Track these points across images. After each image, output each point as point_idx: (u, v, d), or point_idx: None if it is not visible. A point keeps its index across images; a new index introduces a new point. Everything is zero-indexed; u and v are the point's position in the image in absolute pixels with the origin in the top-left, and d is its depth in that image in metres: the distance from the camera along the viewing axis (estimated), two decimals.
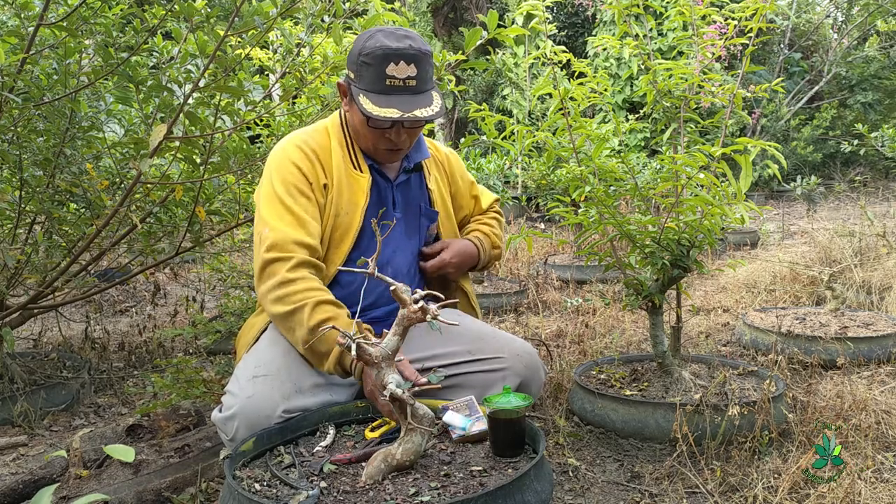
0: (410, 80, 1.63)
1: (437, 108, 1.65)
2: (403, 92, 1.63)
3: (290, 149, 1.76)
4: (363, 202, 1.77)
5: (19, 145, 2.25)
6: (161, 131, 1.82)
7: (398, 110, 1.60)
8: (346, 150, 1.80)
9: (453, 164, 2.02)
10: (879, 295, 3.55)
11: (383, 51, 1.61)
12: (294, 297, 1.57)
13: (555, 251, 5.53)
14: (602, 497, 1.71)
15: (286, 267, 1.61)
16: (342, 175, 1.77)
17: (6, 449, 2.10)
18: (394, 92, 1.62)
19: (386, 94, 1.62)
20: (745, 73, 2.05)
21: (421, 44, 1.65)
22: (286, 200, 1.68)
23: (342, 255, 1.76)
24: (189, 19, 1.89)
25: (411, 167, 1.87)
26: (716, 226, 1.95)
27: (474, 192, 2.08)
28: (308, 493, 1.24)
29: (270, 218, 1.67)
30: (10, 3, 1.96)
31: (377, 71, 1.62)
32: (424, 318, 1.30)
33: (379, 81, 1.62)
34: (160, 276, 4.91)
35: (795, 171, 10.29)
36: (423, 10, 11.80)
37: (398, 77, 1.62)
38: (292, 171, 1.72)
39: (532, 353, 1.80)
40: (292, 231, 1.65)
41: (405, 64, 1.62)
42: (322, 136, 1.81)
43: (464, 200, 2.05)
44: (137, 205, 2.49)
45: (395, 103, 1.61)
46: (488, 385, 1.73)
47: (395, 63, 1.61)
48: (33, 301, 2.50)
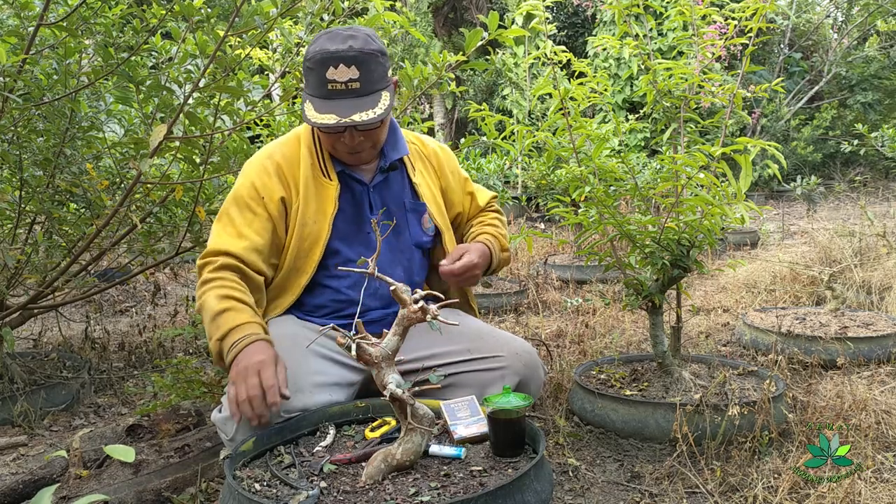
0: (353, 82, 1.58)
1: (381, 111, 1.59)
2: (346, 95, 1.58)
3: (253, 162, 1.78)
4: (331, 210, 1.75)
5: (19, 145, 2.25)
6: (161, 131, 1.82)
7: (336, 115, 1.57)
8: (315, 156, 1.77)
9: (442, 159, 1.97)
10: (879, 295, 3.55)
11: (321, 55, 1.58)
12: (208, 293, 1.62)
13: (555, 251, 5.53)
14: (602, 497, 1.71)
15: (208, 269, 1.66)
16: (309, 185, 1.75)
17: (6, 449, 2.10)
18: (335, 96, 1.59)
19: (328, 98, 1.59)
20: (745, 73, 2.05)
21: (365, 43, 1.60)
22: (231, 213, 1.72)
23: (313, 264, 1.77)
24: (189, 19, 1.89)
25: (387, 166, 1.82)
26: (716, 226, 1.95)
27: (469, 189, 2.02)
28: (308, 493, 1.24)
29: (215, 229, 1.73)
30: (10, 3, 1.96)
31: (318, 76, 1.59)
32: (424, 318, 1.30)
33: (321, 86, 1.59)
34: (160, 276, 4.91)
35: (795, 171, 10.29)
36: (423, 10, 11.80)
37: (339, 81, 1.58)
38: (246, 185, 1.74)
39: (531, 351, 1.80)
40: (228, 241, 1.69)
41: (345, 67, 1.57)
42: (292, 145, 1.79)
43: (456, 197, 1.99)
44: (137, 205, 2.49)
45: (334, 108, 1.58)
46: (487, 384, 1.73)
47: (334, 66, 1.57)
48: (33, 301, 2.50)
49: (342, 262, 1.80)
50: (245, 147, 2.39)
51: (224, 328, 1.55)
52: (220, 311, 1.57)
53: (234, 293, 1.61)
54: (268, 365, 1.46)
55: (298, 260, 1.77)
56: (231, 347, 1.52)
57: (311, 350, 1.65)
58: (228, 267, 1.66)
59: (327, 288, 1.82)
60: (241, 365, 1.47)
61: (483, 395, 1.73)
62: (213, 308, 1.58)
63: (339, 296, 1.81)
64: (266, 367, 1.46)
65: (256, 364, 1.46)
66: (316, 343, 1.63)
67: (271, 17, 1.90)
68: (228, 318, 1.57)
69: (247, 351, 1.50)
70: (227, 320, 1.56)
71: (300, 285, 1.78)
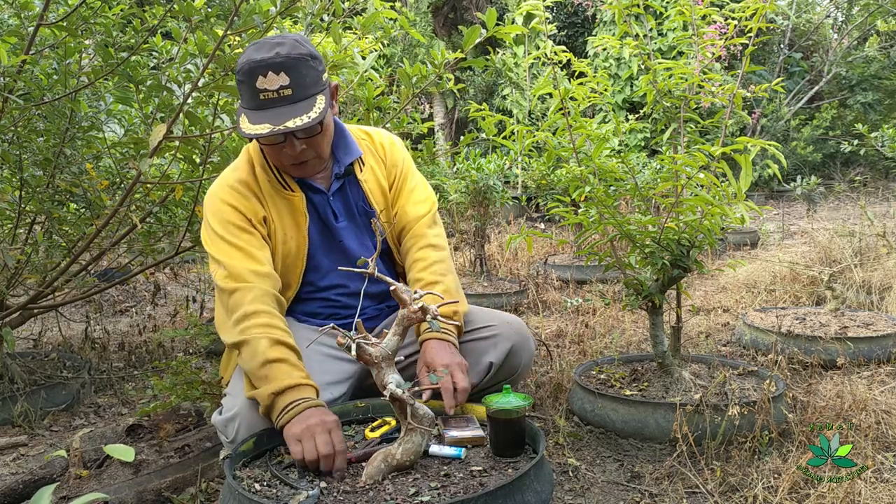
0: (284, 89, 1.52)
1: (315, 114, 1.54)
2: (279, 103, 1.53)
3: (220, 191, 1.71)
4: (304, 222, 1.73)
5: (19, 145, 2.25)
6: (161, 131, 1.82)
7: (270, 124, 1.51)
8: (271, 172, 1.73)
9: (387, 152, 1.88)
10: (879, 295, 3.55)
11: (249, 65, 1.53)
12: (255, 329, 1.55)
13: (555, 251, 5.53)
14: (602, 497, 1.71)
15: (248, 298, 1.58)
16: (276, 200, 1.72)
17: (6, 449, 2.10)
18: (269, 105, 1.53)
19: (261, 108, 1.54)
20: (745, 73, 2.05)
21: (293, 48, 1.54)
22: (228, 238, 1.66)
23: (297, 278, 1.76)
24: (188, 19, 1.89)
25: (342, 172, 1.77)
26: (716, 226, 1.95)
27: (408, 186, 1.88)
28: (308, 493, 1.24)
29: (220, 256, 1.66)
30: (10, 3, 1.96)
31: (249, 87, 1.54)
32: (424, 318, 1.30)
33: (253, 97, 1.54)
34: (160, 276, 4.91)
35: (795, 171, 10.29)
36: (423, 10, 11.79)
37: (270, 89, 1.52)
38: (227, 210, 1.68)
39: (520, 322, 1.85)
40: (245, 262, 1.63)
41: (274, 74, 1.52)
42: (245, 169, 1.73)
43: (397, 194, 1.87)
44: (137, 205, 2.49)
45: (268, 117, 1.52)
46: (482, 352, 1.75)
47: (262, 75, 1.52)
48: (33, 301, 2.50)
49: (322, 276, 1.80)
50: (245, 145, 2.39)
51: (280, 383, 1.48)
52: (273, 359, 1.50)
53: (285, 338, 1.55)
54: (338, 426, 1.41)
55: (284, 276, 1.75)
56: (288, 407, 1.45)
57: (311, 350, 1.65)
58: (267, 295, 1.61)
59: (316, 300, 1.83)
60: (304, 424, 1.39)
61: (478, 363, 1.74)
62: (264, 354, 1.51)
63: (329, 304, 1.82)
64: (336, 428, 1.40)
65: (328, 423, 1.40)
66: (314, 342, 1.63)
67: (270, 15, 1.90)
68: (283, 372, 1.49)
69: (307, 413, 1.43)
70: (282, 374, 1.49)
71: (287, 298, 1.78)
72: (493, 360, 1.75)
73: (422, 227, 1.82)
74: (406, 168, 1.89)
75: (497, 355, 1.76)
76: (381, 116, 2.55)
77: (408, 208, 1.84)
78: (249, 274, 1.62)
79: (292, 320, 1.82)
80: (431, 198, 1.89)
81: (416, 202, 1.85)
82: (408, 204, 1.85)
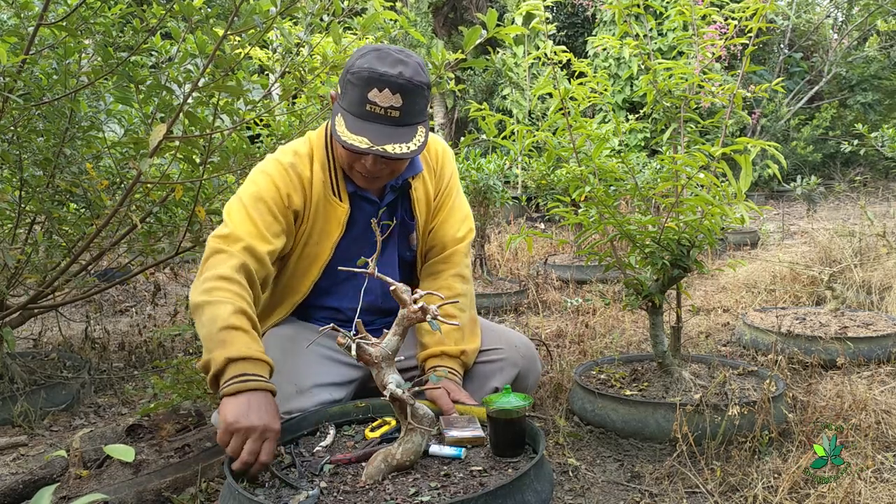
0: (393, 110, 1.50)
1: (417, 146, 1.51)
2: (383, 121, 1.50)
3: (272, 167, 1.67)
4: (336, 234, 1.68)
5: (19, 145, 2.25)
6: (161, 131, 1.82)
7: (368, 141, 1.48)
8: (329, 174, 1.68)
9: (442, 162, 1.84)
10: (879, 295, 3.55)
11: (369, 73, 1.49)
12: (222, 292, 1.49)
13: (555, 251, 5.53)
14: (602, 497, 1.71)
15: (230, 263, 1.53)
16: (319, 203, 1.67)
17: (6, 449, 2.10)
18: (372, 119, 1.50)
19: (363, 119, 1.50)
20: (745, 73, 2.05)
21: (415, 73, 1.51)
22: (251, 211, 1.61)
23: (308, 285, 1.71)
24: (188, 19, 1.89)
25: (398, 185, 1.74)
26: (716, 226, 1.95)
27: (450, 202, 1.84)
28: (308, 493, 1.24)
29: (232, 216, 1.61)
30: (10, 3, 1.96)
31: (360, 93, 1.50)
32: (424, 318, 1.30)
33: (359, 105, 1.50)
34: (160, 276, 4.91)
35: (795, 171, 10.29)
36: (423, 10, 11.79)
37: (380, 105, 1.49)
38: (270, 188, 1.63)
39: (529, 345, 1.81)
40: (250, 236, 1.58)
41: (390, 92, 1.49)
42: (304, 160, 1.69)
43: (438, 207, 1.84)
44: (137, 205, 2.49)
45: (369, 131, 1.49)
46: (487, 376, 1.74)
47: (378, 89, 1.48)
48: (33, 301, 2.50)
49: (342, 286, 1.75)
50: (245, 147, 2.39)
51: (237, 350, 1.42)
52: (231, 325, 1.45)
53: (248, 309, 1.50)
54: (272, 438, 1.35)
55: (294, 279, 1.72)
56: (238, 378, 1.39)
57: (310, 350, 1.65)
58: (244, 269, 1.55)
59: (324, 308, 1.81)
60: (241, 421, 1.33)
61: (483, 387, 1.73)
62: (225, 318, 1.45)
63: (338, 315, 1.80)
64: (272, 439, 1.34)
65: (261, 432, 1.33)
66: (314, 342, 1.63)
67: (270, 15, 1.90)
68: (238, 341, 1.43)
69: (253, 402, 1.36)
70: (237, 342, 1.43)
71: (293, 303, 1.74)
72: (499, 386, 1.74)
73: (458, 255, 1.79)
74: (453, 182, 1.85)
75: (503, 380, 1.74)
76: None
77: (447, 227, 1.80)
78: (244, 247, 1.56)
79: (294, 320, 1.82)
80: (470, 220, 1.86)
81: (457, 222, 1.81)
82: (447, 222, 1.81)
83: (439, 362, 1.67)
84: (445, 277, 1.76)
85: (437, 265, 1.79)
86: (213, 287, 1.50)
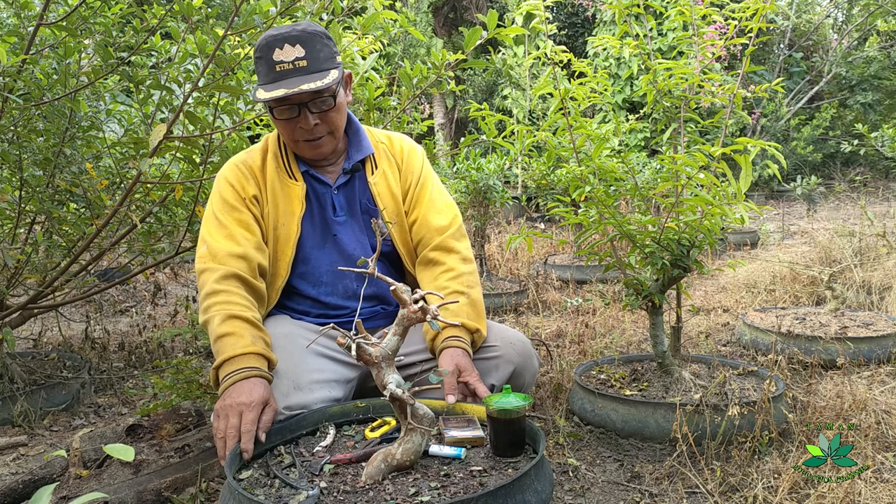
0: (300, 60, 1.62)
1: (330, 80, 1.62)
2: (294, 74, 1.62)
3: (226, 169, 1.80)
4: (298, 211, 1.77)
5: (19, 145, 2.25)
6: (161, 131, 1.82)
7: (284, 89, 1.59)
8: (280, 160, 1.80)
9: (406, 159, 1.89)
10: (879, 295, 3.55)
11: (266, 40, 1.63)
12: (213, 308, 1.61)
13: (555, 251, 5.53)
14: (602, 497, 1.71)
15: (213, 277, 1.64)
16: (276, 186, 1.78)
17: (6, 449, 2.10)
18: (284, 76, 1.61)
19: (277, 80, 1.62)
20: (745, 73, 2.05)
21: (308, 25, 1.65)
22: (219, 216, 1.73)
23: (286, 266, 1.78)
24: (188, 19, 1.89)
25: (350, 167, 1.82)
26: (716, 226, 1.95)
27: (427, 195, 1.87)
28: (308, 493, 1.24)
29: (207, 234, 1.73)
30: (10, 3, 1.96)
31: (266, 61, 1.62)
32: (424, 318, 1.30)
33: (270, 71, 1.62)
34: (160, 276, 4.92)
35: (795, 171, 10.30)
36: (423, 10, 11.80)
37: (286, 60, 1.61)
38: (225, 187, 1.76)
39: (525, 341, 1.81)
40: (225, 243, 1.70)
41: (290, 46, 1.62)
42: (256, 154, 1.82)
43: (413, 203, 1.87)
44: (137, 204, 2.49)
45: (284, 85, 1.61)
46: (483, 373, 1.74)
47: (279, 48, 1.61)
48: (33, 301, 2.50)
49: (314, 267, 1.81)
50: (245, 146, 2.39)
51: (221, 356, 1.54)
52: (221, 334, 1.56)
53: (237, 310, 1.60)
54: (251, 408, 1.43)
55: (273, 264, 1.79)
56: (224, 379, 1.51)
57: (308, 348, 1.65)
58: (232, 276, 1.65)
59: (306, 298, 1.84)
60: (226, 401, 1.44)
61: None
62: (215, 331, 1.57)
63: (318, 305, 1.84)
64: (249, 409, 1.43)
65: (240, 405, 1.43)
66: (314, 342, 1.64)
67: (270, 16, 1.90)
68: (227, 345, 1.54)
69: (238, 387, 1.47)
70: (226, 347, 1.54)
71: (277, 289, 1.80)
72: (495, 383, 1.74)
73: (449, 240, 1.82)
74: (425, 177, 1.89)
75: (499, 377, 1.75)
76: (381, 117, 2.55)
77: (429, 217, 1.84)
78: (225, 255, 1.67)
79: (286, 317, 1.83)
80: (454, 209, 1.88)
81: (438, 211, 1.85)
82: (429, 213, 1.84)
83: (455, 332, 1.69)
84: (445, 259, 1.81)
85: (432, 253, 1.83)
86: (206, 305, 1.63)
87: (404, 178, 1.88)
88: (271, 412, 1.47)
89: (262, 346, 1.58)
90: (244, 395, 1.46)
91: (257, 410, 1.43)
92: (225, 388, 1.49)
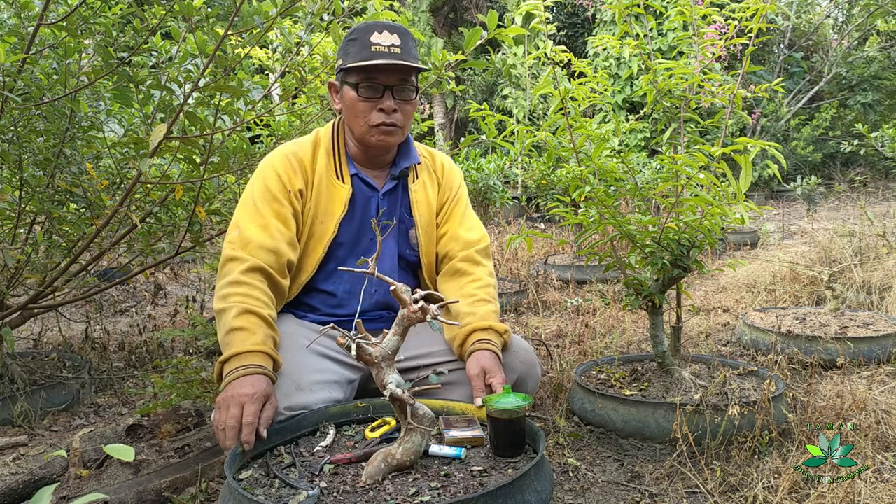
0: (395, 47, 1.67)
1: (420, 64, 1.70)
2: (388, 57, 1.66)
3: (275, 157, 1.79)
4: (339, 212, 1.77)
5: (19, 145, 2.25)
6: (161, 131, 1.82)
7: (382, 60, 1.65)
8: (332, 157, 1.80)
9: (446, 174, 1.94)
10: (879, 295, 3.55)
11: (366, 24, 1.69)
12: (231, 298, 1.60)
13: (555, 251, 5.53)
14: (602, 497, 1.71)
15: (240, 268, 1.63)
16: (322, 183, 1.77)
17: (6, 449, 2.10)
18: (379, 57, 1.66)
19: (371, 59, 1.65)
20: (745, 73, 2.05)
21: (403, 27, 1.73)
22: (259, 203, 1.72)
23: (314, 263, 1.78)
24: (188, 19, 1.89)
25: (397, 174, 1.84)
26: (716, 226, 1.95)
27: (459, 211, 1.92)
28: (308, 493, 1.24)
29: (241, 219, 1.72)
30: (10, 3, 1.96)
31: (362, 41, 1.67)
32: (424, 318, 1.30)
33: (364, 49, 1.66)
34: (160, 276, 4.91)
35: (795, 171, 10.30)
36: (422, 10, 11.79)
37: (383, 44, 1.66)
38: (272, 177, 1.75)
39: (528, 349, 1.81)
40: (258, 233, 1.68)
41: (388, 33, 1.67)
42: (309, 145, 1.81)
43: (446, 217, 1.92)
44: (137, 205, 2.49)
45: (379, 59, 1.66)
46: None
47: (378, 31, 1.67)
48: (33, 301, 2.50)
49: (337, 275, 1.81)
50: (245, 147, 2.39)
51: (230, 350, 1.53)
52: (234, 328, 1.55)
53: (255, 306, 1.59)
54: (253, 400, 1.43)
55: (303, 258, 1.78)
56: (229, 374, 1.50)
57: (310, 348, 1.65)
58: (258, 270, 1.64)
59: (323, 292, 1.83)
60: (228, 393, 1.44)
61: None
62: (229, 323, 1.56)
63: (332, 300, 1.83)
64: (251, 402, 1.42)
65: (242, 396, 1.42)
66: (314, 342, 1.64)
67: (271, 16, 1.90)
68: (238, 340, 1.53)
69: (241, 381, 1.47)
70: (237, 342, 1.53)
71: (300, 283, 1.79)
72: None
73: (477, 255, 1.86)
74: (461, 195, 1.96)
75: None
76: None
77: (460, 231, 1.89)
78: (256, 247, 1.66)
79: (290, 316, 1.82)
80: (483, 230, 1.94)
81: (468, 228, 1.90)
82: (460, 228, 1.90)
83: (485, 335, 1.69)
84: (473, 270, 1.85)
85: (459, 263, 1.86)
86: (226, 294, 1.61)
87: (443, 192, 1.93)
88: (272, 409, 1.47)
89: (271, 345, 1.58)
90: (247, 387, 1.46)
91: (259, 403, 1.43)
92: (228, 382, 1.49)
